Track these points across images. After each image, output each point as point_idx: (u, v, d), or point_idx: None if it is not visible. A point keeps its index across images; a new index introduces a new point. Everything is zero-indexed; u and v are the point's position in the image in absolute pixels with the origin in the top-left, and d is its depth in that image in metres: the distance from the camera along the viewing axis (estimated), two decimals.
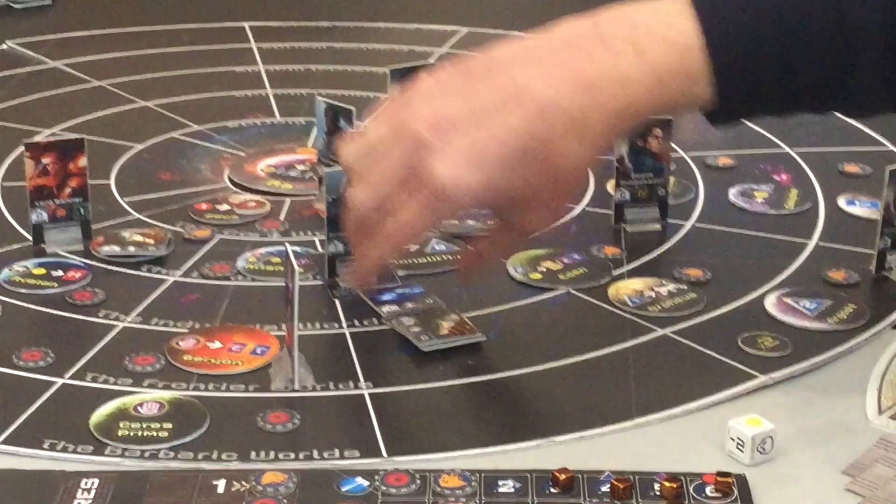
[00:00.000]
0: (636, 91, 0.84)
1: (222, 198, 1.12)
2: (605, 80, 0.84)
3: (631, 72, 0.84)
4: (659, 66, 0.84)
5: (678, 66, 0.84)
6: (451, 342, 0.91)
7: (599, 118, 0.84)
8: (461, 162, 0.83)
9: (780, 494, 0.78)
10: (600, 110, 0.84)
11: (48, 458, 0.80)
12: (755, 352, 0.91)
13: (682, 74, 0.84)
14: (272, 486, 0.77)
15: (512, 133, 0.83)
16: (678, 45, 0.84)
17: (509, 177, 0.84)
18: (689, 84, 0.84)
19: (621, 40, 0.84)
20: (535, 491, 0.78)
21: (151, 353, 0.90)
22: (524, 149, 0.83)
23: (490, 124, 0.83)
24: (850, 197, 1.13)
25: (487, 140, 0.83)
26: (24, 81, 1.36)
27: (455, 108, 0.84)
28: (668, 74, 0.84)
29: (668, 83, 0.84)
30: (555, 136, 0.84)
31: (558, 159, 0.84)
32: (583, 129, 0.84)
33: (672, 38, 0.84)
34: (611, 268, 1.01)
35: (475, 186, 0.83)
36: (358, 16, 1.55)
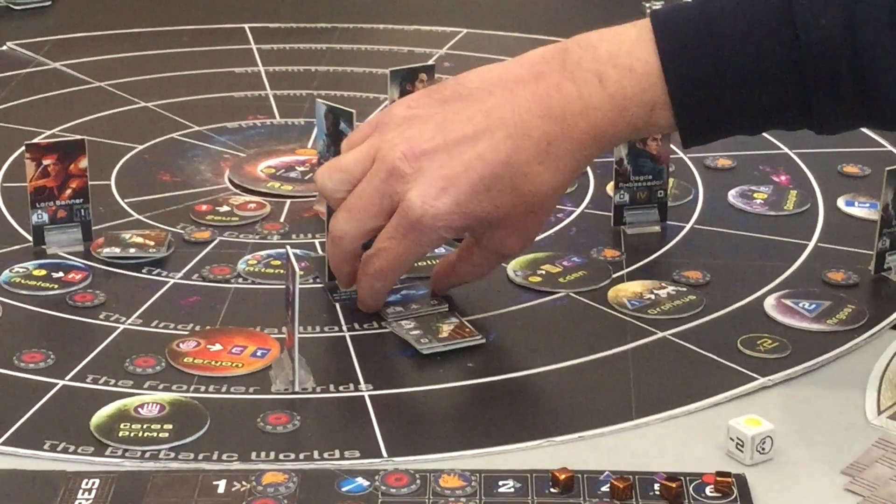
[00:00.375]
0: (599, 119, 0.88)
1: (223, 199, 1.12)
2: (570, 112, 0.88)
3: (594, 101, 0.88)
4: (620, 95, 0.88)
5: (639, 94, 0.87)
6: (451, 345, 0.91)
7: (566, 146, 0.88)
8: (433, 189, 0.88)
9: (779, 494, 0.78)
10: (566, 139, 0.88)
11: (49, 458, 0.80)
12: (755, 353, 0.91)
13: (642, 103, 0.88)
14: (272, 486, 0.78)
15: (482, 161, 0.88)
16: (638, 73, 0.87)
17: (480, 202, 0.88)
18: (649, 112, 0.88)
19: (585, 70, 0.88)
20: (535, 491, 0.78)
21: (152, 355, 0.90)
22: (493, 175, 0.88)
23: (461, 152, 0.88)
24: (850, 198, 1.13)
25: (458, 168, 0.88)
26: (24, 82, 1.37)
27: (427, 137, 0.89)
28: (629, 102, 0.88)
29: (630, 112, 0.88)
30: (523, 163, 0.88)
31: (527, 185, 0.89)
32: (550, 156, 0.88)
33: (632, 67, 0.87)
34: (610, 270, 1.02)
35: (445, 211, 0.88)
36: (358, 17, 1.55)
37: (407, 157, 0.88)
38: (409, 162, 0.88)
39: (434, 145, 0.89)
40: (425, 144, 0.89)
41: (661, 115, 0.88)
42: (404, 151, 0.89)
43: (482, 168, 0.88)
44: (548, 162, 0.88)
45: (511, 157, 0.88)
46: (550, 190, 0.90)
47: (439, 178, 0.88)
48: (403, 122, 0.91)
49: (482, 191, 0.88)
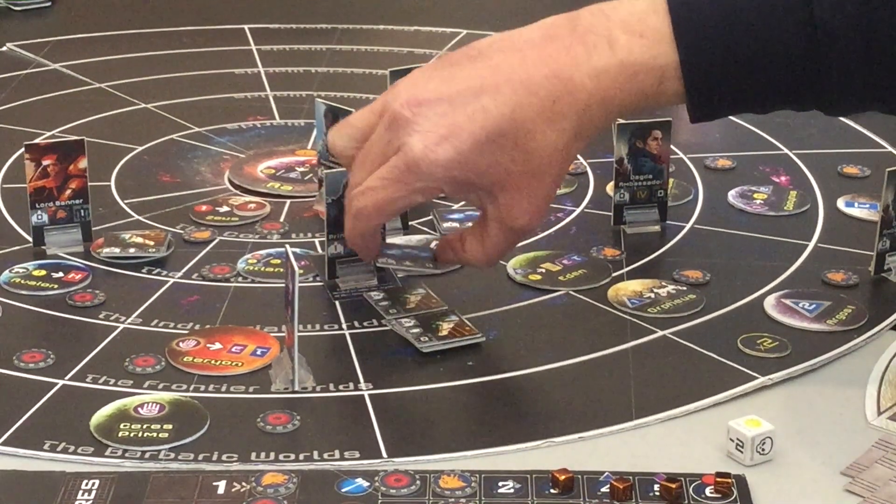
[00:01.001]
0: (608, 84, 0.87)
1: (222, 199, 1.12)
2: (577, 73, 0.87)
3: (604, 64, 0.87)
4: (629, 60, 0.87)
5: (650, 60, 0.86)
6: (451, 343, 0.91)
7: (570, 108, 0.87)
8: (435, 137, 0.87)
9: (779, 495, 0.78)
10: (572, 100, 0.87)
11: (49, 459, 0.80)
12: (754, 353, 0.91)
13: (652, 69, 0.87)
14: (272, 486, 0.78)
15: (486, 114, 0.87)
16: (649, 39, 0.86)
17: (482, 156, 0.87)
18: (659, 80, 0.87)
19: (596, 35, 0.87)
20: (535, 492, 0.78)
21: (152, 354, 0.90)
22: (497, 129, 0.87)
23: (466, 105, 0.87)
24: (850, 198, 1.13)
25: (462, 119, 0.87)
26: (24, 83, 1.37)
27: (434, 89, 0.88)
28: (640, 69, 0.87)
29: (640, 78, 0.87)
30: (527, 119, 0.87)
31: (531, 143, 0.87)
32: (555, 114, 0.87)
33: (644, 33, 0.87)
34: (610, 269, 1.02)
35: (446, 161, 0.87)
36: (358, 18, 1.55)
37: (409, 104, 0.88)
38: (411, 108, 0.88)
39: (437, 95, 0.88)
40: (429, 94, 0.88)
41: (670, 84, 0.87)
42: (407, 99, 0.88)
43: (485, 120, 0.87)
44: (553, 120, 0.87)
45: (515, 111, 0.87)
46: (555, 150, 0.88)
47: (441, 126, 0.87)
48: (410, 78, 0.91)
49: (484, 143, 0.87)
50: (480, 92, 0.87)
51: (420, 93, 0.88)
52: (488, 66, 0.88)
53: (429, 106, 0.88)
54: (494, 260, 0.94)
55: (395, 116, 0.88)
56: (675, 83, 0.87)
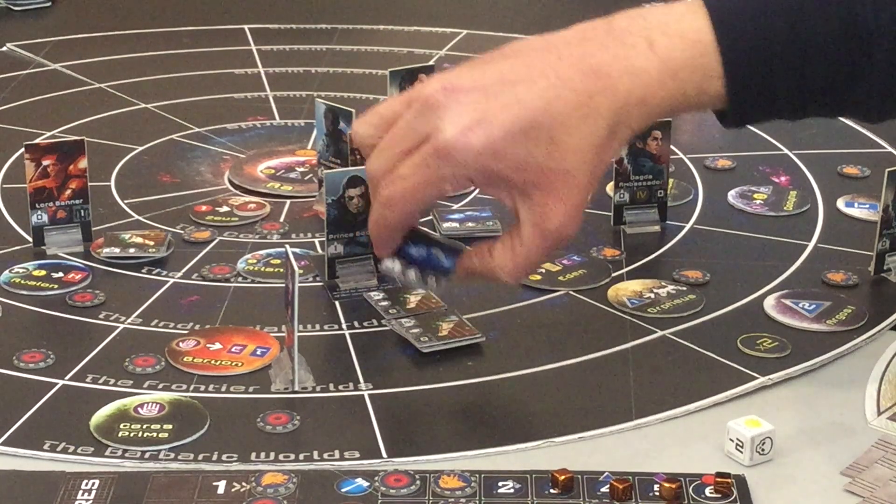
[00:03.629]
0: (647, 82, 0.85)
1: (222, 200, 1.12)
2: (616, 69, 0.85)
3: (643, 63, 0.85)
4: (671, 60, 0.85)
5: (690, 60, 0.85)
6: (451, 343, 0.91)
7: (607, 104, 0.85)
8: (468, 122, 0.84)
9: (779, 495, 0.78)
10: (609, 96, 0.85)
11: (49, 459, 0.80)
12: (754, 353, 0.91)
13: (694, 69, 0.85)
14: (272, 486, 0.78)
15: (521, 104, 0.84)
16: (690, 40, 0.85)
17: (515, 147, 0.84)
18: (701, 79, 0.85)
19: (634, 35, 0.85)
20: (535, 492, 0.78)
21: (152, 354, 0.90)
22: (531, 120, 0.84)
23: (501, 94, 0.85)
24: (849, 199, 1.13)
25: (496, 107, 0.84)
26: (24, 83, 1.37)
27: (468, 78, 0.86)
28: (681, 68, 0.85)
29: (681, 77, 0.85)
30: (563, 113, 0.84)
31: (566, 137, 0.84)
32: (591, 110, 0.85)
33: (684, 34, 0.85)
34: (610, 269, 1.02)
35: (478, 147, 0.84)
36: (358, 18, 1.55)
37: (443, 90, 0.85)
38: (445, 93, 0.85)
39: (472, 84, 0.85)
40: (462, 82, 0.85)
41: (712, 85, 0.85)
42: (441, 85, 0.85)
43: (520, 110, 0.84)
44: (589, 116, 0.85)
45: (551, 104, 0.84)
46: (590, 147, 0.85)
47: (475, 111, 0.84)
48: (443, 73, 0.88)
49: (518, 134, 0.84)
50: (516, 83, 0.85)
51: (454, 80, 0.86)
52: (524, 62, 0.86)
53: (463, 93, 0.85)
54: (524, 270, 0.88)
55: (427, 101, 0.85)
56: (717, 83, 0.84)
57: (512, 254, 0.86)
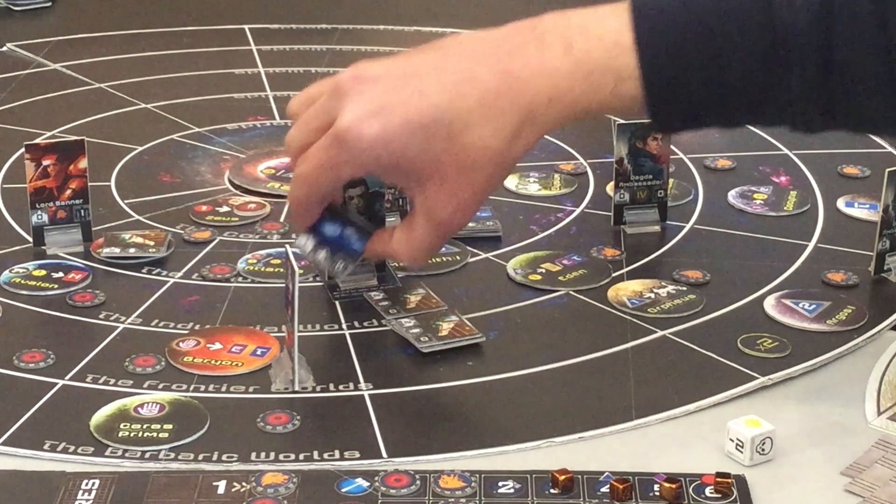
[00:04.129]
0: (558, 83, 0.85)
1: (222, 199, 1.12)
2: (528, 70, 0.86)
3: (556, 64, 0.85)
4: (585, 61, 0.85)
5: (605, 61, 0.85)
6: (451, 343, 0.91)
7: (513, 104, 0.86)
8: (365, 112, 0.86)
9: (779, 495, 0.78)
10: (516, 96, 0.86)
11: (49, 459, 0.80)
12: (754, 353, 0.91)
13: (608, 70, 0.85)
14: (272, 486, 0.78)
15: (422, 97, 0.86)
16: (608, 41, 0.85)
17: (411, 140, 0.86)
18: (615, 80, 0.85)
19: (554, 36, 0.86)
20: (535, 492, 0.78)
21: (152, 354, 0.90)
22: (431, 116, 0.86)
23: (404, 84, 0.87)
24: (849, 199, 1.13)
25: (398, 99, 0.86)
26: (25, 83, 1.37)
27: (381, 69, 0.88)
28: (594, 69, 0.85)
29: (594, 79, 0.85)
30: (465, 110, 0.85)
31: (465, 136, 0.85)
32: (495, 110, 0.85)
33: (603, 36, 0.85)
34: (610, 269, 1.02)
35: (371, 137, 0.86)
36: (358, 18, 1.55)
37: (353, 78, 0.88)
38: (353, 83, 0.87)
39: (381, 73, 0.88)
40: (373, 72, 0.88)
41: (628, 87, 0.84)
42: (354, 73, 0.88)
43: (420, 103, 0.86)
44: (492, 117, 0.85)
45: (454, 101, 0.86)
46: (489, 148, 0.86)
47: (375, 102, 0.86)
48: (369, 60, 0.90)
49: (416, 128, 0.86)
50: (424, 75, 0.87)
51: (366, 69, 0.88)
52: (441, 57, 0.88)
53: (370, 82, 0.87)
54: (419, 256, 0.91)
55: (337, 86, 0.88)
56: (633, 85, 0.84)
57: (407, 240, 0.90)
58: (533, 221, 1.09)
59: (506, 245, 1.05)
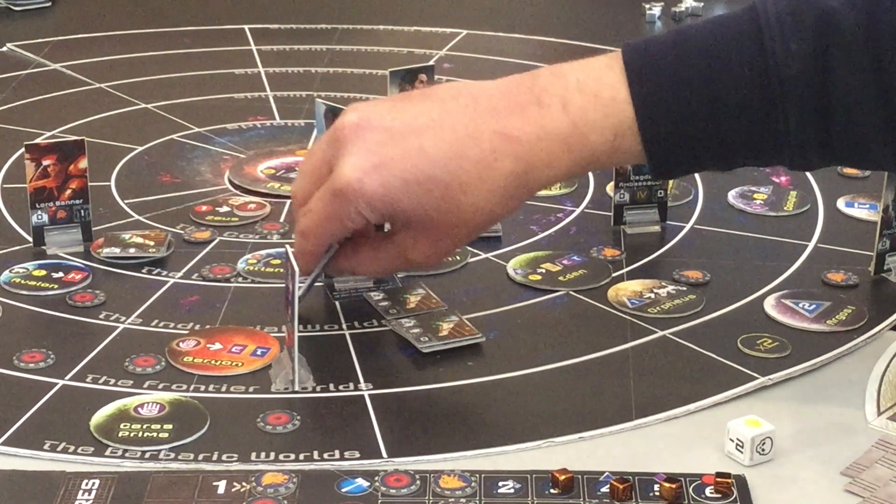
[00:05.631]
0: (556, 147, 0.86)
1: (222, 200, 1.12)
2: (525, 132, 0.86)
3: (554, 126, 0.86)
4: (582, 121, 0.85)
5: (601, 119, 0.85)
6: (451, 343, 0.91)
7: (510, 167, 0.86)
8: (366, 165, 0.86)
9: (779, 495, 0.78)
10: (513, 159, 0.86)
11: (49, 458, 0.80)
12: (754, 353, 0.91)
13: (606, 127, 0.85)
14: (272, 486, 0.78)
15: (422, 154, 0.86)
16: (604, 98, 0.85)
17: (408, 195, 0.86)
18: (613, 137, 0.85)
19: (551, 95, 0.86)
20: (535, 492, 0.78)
21: (152, 354, 0.90)
22: (428, 174, 0.86)
23: (405, 140, 0.87)
24: (850, 199, 1.13)
25: (397, 153, 0.86)
26: (25, 84, 1.37)
27: (378, 115, 0.88)
28: (590, 128, 0.85)
29: (592, 140, 0.85)
30: (463, 171, 0.86)
31: (460, 196, 0.86)
32: (493, 172, 0.86)
33: (598, 92, 0.86)
34: (610, 269, 1.02)
35: (370, 193, 0.86)
36: (358, 18, 1.55)
37: (353, 125, 0.87)
38: (353, 130, 0.87)
39: (382, 124, 0.87)
40: (374, 121, 0.87)
41: (626, 142, 0.85)
42: (353, 120, 0.88)
43: (419, 161, 0.86)
44: (489, 177, 0.86)
45: (451, 160, 0.86)
46: (480, 210, 0.87)
47: (375, 155, 0.86)
48: (367, 103, 0.91)
49: (413, 184, 0.86)
50: (423, 130, 0.86)
51: (367, 116, 0.88)
52: (440, 110, 0.87)
53: (370, 131, 0.87)
54: (380, 274, 0.96)
55: (337, 134, 0.88)
56: (631, 140, 0.85)
57: (372, 259, 0.93)
58: (533, 221, 1.09)
59: (506, 245, 1.05)
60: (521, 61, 1.41)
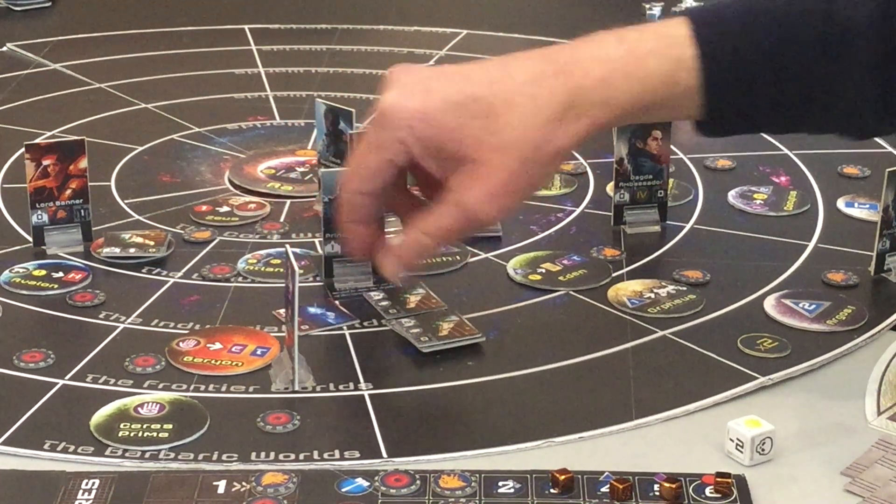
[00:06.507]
0: (610, 67, 0.83)
1: (222, 199, 1.12)
2: (577, 56, 0.84)
3: (607, 51, 0.84)
4: (639, 49, 0.84)
5: (660, 49, 0.83)
6: (451, 343, 0.91)
7: (560, 83, 0.83)
8: (407, 90, 0.85)
9: (779, 495, 0.78)
10: (563, 77, 0.83)
11: (49, 458, 0.80)
12: (754, 353, 0.91)
13: (663, 57, 0.83)
14: (272, 486, 0.78)
15: (465, 78, 0.85)
16: (663, 34, 0.84)
17: (450, 115, 0.84)
18: (672, 68, 0.83)
19: (605, 34, 0.85)
20: (535, 491, 0.78)
21: (152, 354, 0.90)
22: (472, 93, 0.84)
23: (453, 72, 0.86)
24: (849, 199, 1.13)
25: (442, 80, 0.86)
26: (25, 83, 1.37)
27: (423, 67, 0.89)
28: (648, 54, 0.83)
29: (648, 64, 0.83)
30: (508, 89, 0.84)
31: (507, 113, 0.83)
32: (539, 90, 0.83)
33: (657, 30, 0.85)
34: (610, 269, 1.02)
35: (410, 110, 0.84)
36: (358, 18, 1.55)
37: (399, 69, 0.87)
38: (400, 71, 0.86)
39: (430, 68, 0.89)
40: (419, 68, 0.88)
41: (684, 77, 0.83)
42: (399, 69, 0.87)
43: (463, 82, 0.85)
44: (535, 95, 0.83)
45: (497, 80, 0.84)
46: (532, 127, 0.83)
47: (419, 83, 0.85)
48: None
49: (456, 103, 0.84)
50: (472, 67, 0.86)
51: (412, 67, 0.88)
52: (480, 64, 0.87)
53: (417, 70, 0.87)
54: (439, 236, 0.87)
55: (388, 77, 0.87)
56: (690, 75, 0.83)
57: (436, 219, 0.86)
58: (533, 221, 1.09)
59: (506, 245, 1.05)
60: None
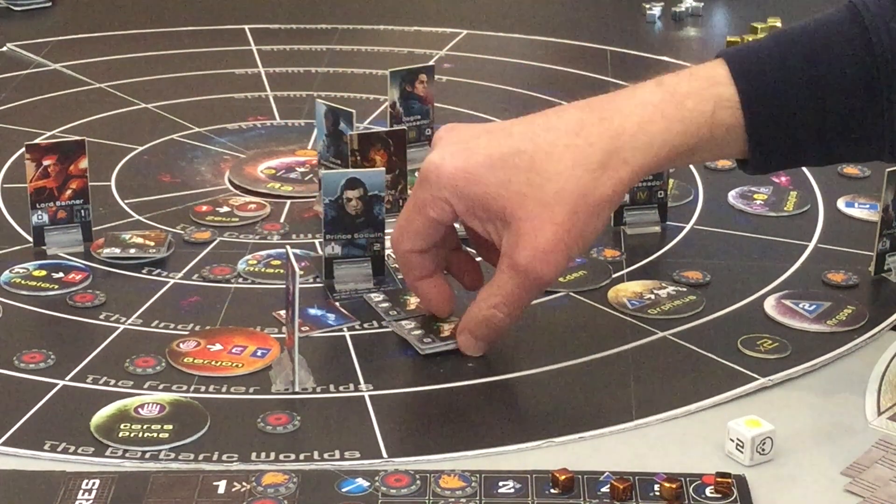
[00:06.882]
0: (649, 112, 0.84)
1: (222, 200, 1.12)
2: (615, 104, 0.85)
3: (646, 96, 0.84)
4: (678, 92, 0.84)
5: (699, 90, 0.84)
6: (452, 344, 0.91)
7: (599, 131, 0.84)
8: (450, 149, 0.86)
9: (779, 495, 0.78)
10: (603, 125, 0.84)
11: (49, 459, 0.80)
12: (755, 353, 0.91)
13: (703, 98, 0.83)
14: (273, 486, 0.78)
15: (510, 136, 0.86)
16: (701, 75, 0.85)
17: (493, 172, 0.84)
18: (713, 108, 0.83)
19: (645, 82, 0.86)
20: (535, 491, 0.78)
21: (152, 355, 0.90)
22: (514, 148, 0.85)
23: (497, 130, 0.87)
24: (849, 199, 1.13)
25: (486, 138, 0.86)
26: (25, 83, 1.37)
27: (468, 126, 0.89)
28: (688, 96, 0.84)
29: (687, 106, 0.83)
30: (549, 141, 0.84)
31: (548, 166, 0.83)
32: (580, 140, 0.84)
33: (694, 73, 0.85)
34: (610, 270, 1.02)
35: (452, 169, 0.85)
36: (358, 18, 1.55)
37: (445, 128, 0.89)
38: (445, 131, 0.88)
39: (472, 127, 0.89)
40: (465, 127, 0.89)
41: (725, 115, 0.83)
42: (447, 126, 0.90)
43: (505, 138, 0.86)
44: (578, 144, 0.83)
45: (539, 133, 0.85)
46: (570, 179, 0.83)
47: (464, 141, 0.86)
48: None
49: (498, 159, 0.84)
50: (515, 123, 0.87)
51: (457, 127, 0.89)
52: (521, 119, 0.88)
53: (464, 129, 0.88)
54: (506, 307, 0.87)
55: (434, 139, 0.89)
56: (731, 114, 0.83)
57: (493, 289, 0.87)
58: None
59: None
60: (521, 61, 1.41)
